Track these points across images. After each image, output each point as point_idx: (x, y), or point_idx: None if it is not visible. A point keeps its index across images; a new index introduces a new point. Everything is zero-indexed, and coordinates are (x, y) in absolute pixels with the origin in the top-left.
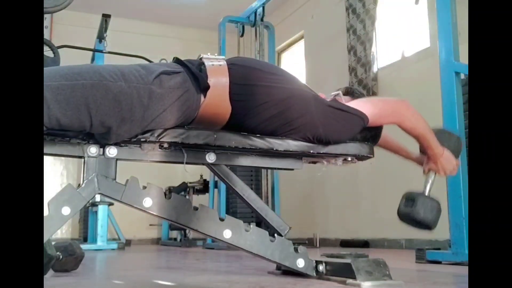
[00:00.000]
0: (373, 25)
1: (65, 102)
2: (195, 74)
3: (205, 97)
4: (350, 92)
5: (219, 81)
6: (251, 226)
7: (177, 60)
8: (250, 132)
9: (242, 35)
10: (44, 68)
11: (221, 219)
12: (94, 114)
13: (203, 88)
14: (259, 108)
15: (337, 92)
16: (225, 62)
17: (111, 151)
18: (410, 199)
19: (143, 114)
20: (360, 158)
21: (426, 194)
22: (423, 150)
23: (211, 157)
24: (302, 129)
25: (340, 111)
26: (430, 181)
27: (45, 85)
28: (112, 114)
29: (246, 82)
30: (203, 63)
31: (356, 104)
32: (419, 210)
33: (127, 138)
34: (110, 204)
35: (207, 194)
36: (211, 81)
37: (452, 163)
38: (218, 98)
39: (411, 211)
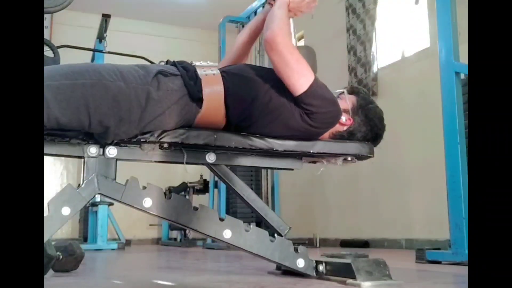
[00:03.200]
0: (373, 25)
1: (65, 101)
2: (188, 85)
3: (200, 107)
4: (355, 92)
5: (214, 91)
6: (251, 226)
7: (173, 63)
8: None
9: None
10: (45, 67)
11: (221, 219)
12: (93, 114)
13: (195, 99)
14: (254, 117)
15: (342, 90)
16: (218, 71)
17: (111, 151)
18: None
19: (140, 115)
20: (360, 158)
21: (294, 44)
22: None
23: (211, 157)
24: (304, 133)
25: (314, 101)
26: (291, 30)
27: (45, 85)
28: (111, 113)
29: (240, 92)
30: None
31: (296, 88)
32: None
33: (125, 138)
34: (110, 204)
35: (207, 194)
36: (205, 91)
37: (300, 1)
38: (213, 108)
39: None
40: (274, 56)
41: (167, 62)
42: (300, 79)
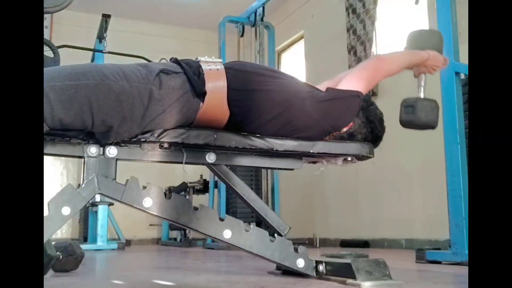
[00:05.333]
0: (373, 25)
1: (68, 102)
2: (191, 80)
3: (203, 102)
4: None
5: (216, 86)
6: (251, 226)
7: (175, 61)
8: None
9: (242, 35)
10: (47, 68)
11: (221, 219)
12: (96, 113)
13: (199, 94)
14: (257, 112)
15: None
16: (222, 66)
17: (111, 151)
18: (409, 106)
19: (143, 114)
20: (360, 158)
21: (422, 96)
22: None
23: (211, 157)
24: (306, 129)
25: (336, 100)
26: (422, 83)
27: (49, 86)
28: (114, 113)
29: (243, 87)
30: (201, 66)
31: (345, 84)
32: (421, 115)
33: (126, 138)
34: (110, 204)
35: (207, 194)
36: (208, 86)
37: (440, 61)
38: (216, 103)
39: (413, 118)
40: (367, 64)
41: (170, 59)
42: (353, 86)
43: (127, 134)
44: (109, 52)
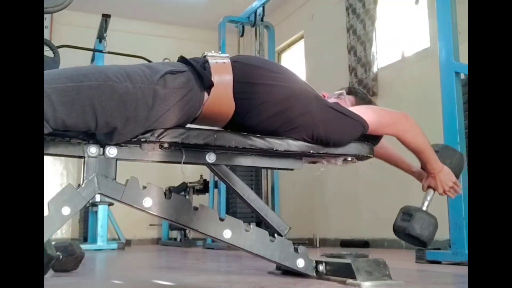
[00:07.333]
0: (373, 25)
1: (70, 103)
2: (199, 72)
3: (209, 94)
4: (353, 92)
5: (222, 79)
6: (251, 226)
7: (182, 59)
8: (251, 130)
9: (242, 35)
10: (50, 70)
11: (221, 219)
12: (100, 115)
13: (207, 86)
14: (261, 106)
15: (341, 91)
16: (229, 60)
17: (111, 151)
18: (407, 213)
19: (147, 114)
20: (360, 158)
21: (424, 209)
22: (422, 166)
23: (211, 157)
24: (303, 129)
25: (341, 114)
26: (428, 198)
27: (51, 87)
28: (117, 114)
29: (249, 80)
30: (207, 61)
31: (358, 109)
32: (415, 226)
33: (130, 138)
34: (110, 204)
35: (207, 194)
36: (214, 78)
37: (451, 180)
38: (221, 95)
39: (407, 226)
40: (392, 111)
41: (179, 58)
42: (365, 116)
43: (131, 135)
44: (109, 52)
